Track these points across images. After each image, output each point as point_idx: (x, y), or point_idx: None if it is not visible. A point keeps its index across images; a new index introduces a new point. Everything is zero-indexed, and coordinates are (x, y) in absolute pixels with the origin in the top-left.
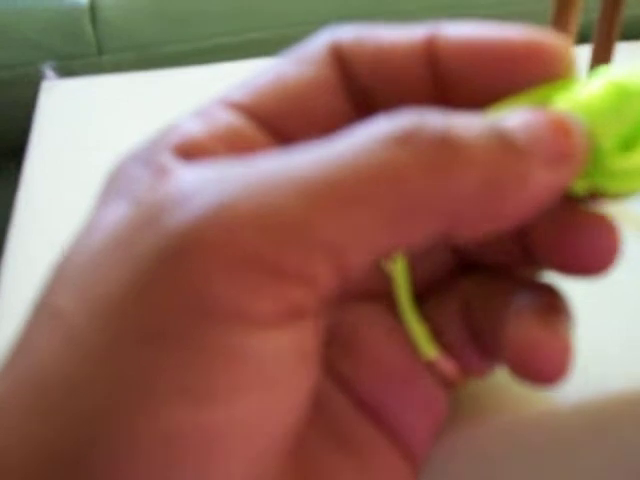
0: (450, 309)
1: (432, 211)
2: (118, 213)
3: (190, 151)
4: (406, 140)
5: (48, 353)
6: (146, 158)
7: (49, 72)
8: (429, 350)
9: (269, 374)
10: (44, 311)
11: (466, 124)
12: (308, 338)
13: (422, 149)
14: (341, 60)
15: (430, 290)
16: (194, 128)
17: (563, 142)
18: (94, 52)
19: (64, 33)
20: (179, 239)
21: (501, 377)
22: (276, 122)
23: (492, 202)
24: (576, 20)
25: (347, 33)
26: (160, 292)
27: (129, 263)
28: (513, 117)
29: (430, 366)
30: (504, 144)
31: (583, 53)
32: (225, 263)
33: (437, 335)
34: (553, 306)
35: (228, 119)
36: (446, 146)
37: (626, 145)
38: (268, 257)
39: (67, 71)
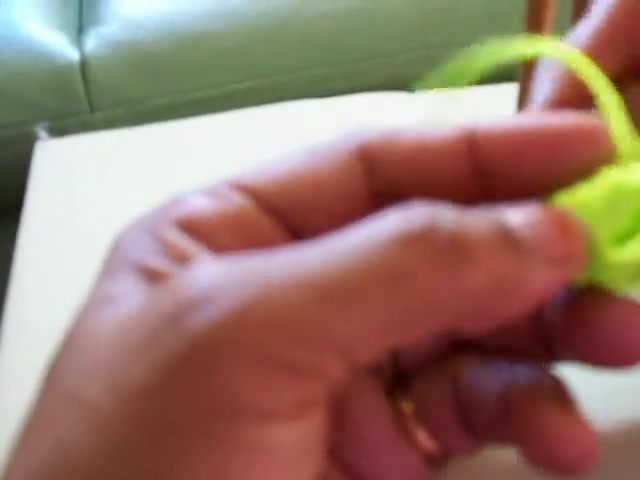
0: (440, 389)
1: (438, 312)
2: (135, 299)
3: (193, 228)
4: (415, 242)
5: (77, 443)
6: (151, 230)
7: (42, 133)
8: None
9: (287, 462)
10: (68, 400)
11: (474, 222)
12: (320, 425)
13: (431, 252)
14: (369, 160)
15: (421, 365)
16: (202, 205)
17: (564, 242)
18: (86, 110)
19: (57, 92)
20: (203, 341)
21: None
22: (287, 213)
23: (495, 301)
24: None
25: (377, 133)
26: (181, 392)
27: (157, 361)
28: (518, 213)
29: (410, 439)
30: (509, 245)
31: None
32: (246, 364)
33: (424, 414)
34: (562, 392)
35: (238, 202)
36: (454, 250)
37: (621, 240)
38: (285, 357)
39: (61, 129)
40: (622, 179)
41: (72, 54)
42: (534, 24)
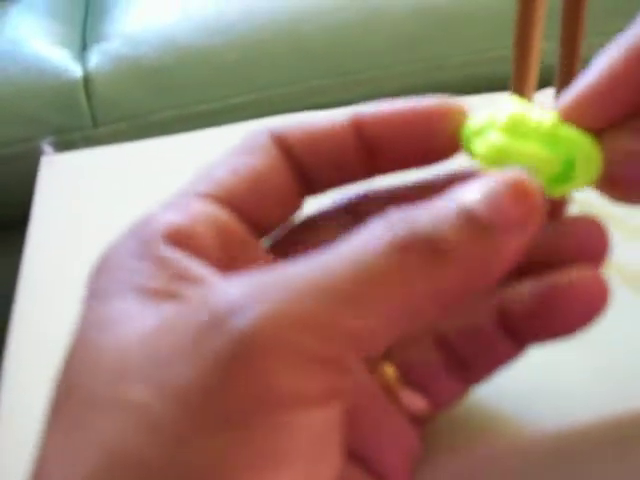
0: (421, 342)
1: (431, 304)
2: (152, 315)
3: (180, 239)
4: (403, 247)
5: (132, 444)
6: (139, 251)
7: (47, 148)
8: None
9: (317, 443)
10: (106, 406)
11: (442, 215)
12: (340, 416)
13: (414, 256)
14: (283, 146)
15: None
16: (176, 218)
17: (524, 207)
18: (90, 125)
19: (61, 108)
20: (245, 341)
21: (476, 411)
22: (242, 206)
23: (474, 280)
24: (537, 65)
25: (287, 123)
26: (234, 386)
27: (203, 362)
28: (474, 190)
29: (399, 404)
30: (474, 230)
31: (546, 96)
32: (284, 357)
33: (407, 371)
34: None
35: (202, 208)
36: (431, 251)
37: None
38: (314, 351)
39: (65, 144)
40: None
41: (75, 70)
42: (523, 41)
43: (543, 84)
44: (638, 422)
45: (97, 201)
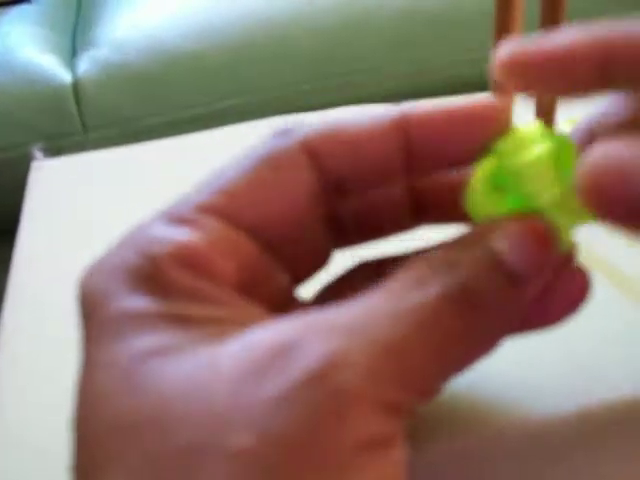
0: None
1: (473, 351)
2: (229, 353)
3: (195, 263)
4: (448, 298)
5: None
6: (148, 272)
7: (38, 153)
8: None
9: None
10: (200, 453)
11: (475, 266)
12: (404, 448)
13: (460, 307)
14: (315, 158)
15: None
16: (185, 237)
17: (547, 256)
18: (80, 130)
19: (51, 114)
20: (344, 395)
21: (458, 402)
22: (257, 229)
23: (507, 325)
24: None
25: (317, 129)
26: (331, 433)
27: (305, 411)
28: (504, 239)
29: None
30: (509, 281)
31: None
32: (372, 409)
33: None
34: None
35: (212, 226)
36: (472, 300)
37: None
38: (394, 400)
39: (55, 149)
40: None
41: (65, 77)
42: (503, 29)
43: None
44: (613, 413)
45: (87, 206)
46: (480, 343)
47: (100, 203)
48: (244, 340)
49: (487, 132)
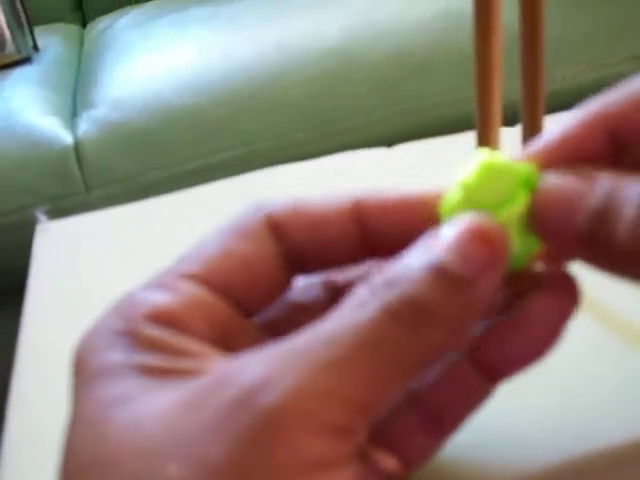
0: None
1: (422, 359)
2: (162, 394)
3: (165, 320)
4: (390, 314)
5: None
6: (125, 331)
7: (41, 216)
8: None
9: None
10: None
11: (417, 276)
12: (359, 467)
13: (404, 318)
14: (277, 231)
15: None
16: (161, 298)
17: (490, 249)
18: (82, 190)
19: (53, 176)
20: (274, 416)
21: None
22: (229, 290)
23: (460, 330)
24: (500, 103)
25: (283, 206)
26: (267, 457)
27: (235, 437)
28: (442, 243)
29: (372, 466)
30: (453, 285)
31: (514, 133)
32: (308, 429)
33: (381, 430)
34: None
35: (192, 290)
36: (419, 311)
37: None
38: (332, 420)
39: (59, 210)
40: (491, 160)
41: (67, 138)
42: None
43: (508, 122)
44: (603, 460)
45: (93, 266)
46: (428, 353)
47: (105, 263)
48: (190, 382)
49: (429, 215)
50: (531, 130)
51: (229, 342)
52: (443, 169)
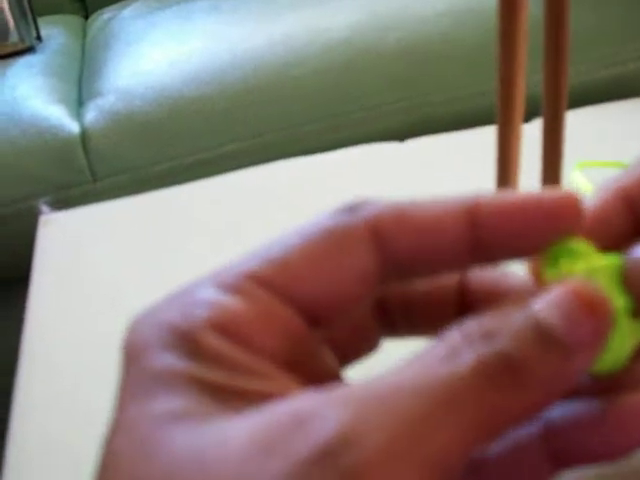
0: None
1: (507, 420)
2: (249, 427)
3: (232, 332)
4: (485, 371)
5: None
6: (187, 337)
7: (44, 207)
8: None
9: None
10: None
11: (518, 333)
12: None
13: (500, 383)
14: (380, 240)
15: None
16: (230, 304)
17: (594, 320)
18: (89, 179)
19: (60, 164)
20: (358, 476)
21: None
22: (307, 304)
23: (550, 397)
24: (523, 97)
25: (386, 210)
26: None
27: None
28: (550, 307)
29: None
30: (555, 349)
31: (534, 127)
32: None
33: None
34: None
35: (260, 296)
36: (514, 371)
37: None
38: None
39: (65, 200)
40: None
41: (73, 127)
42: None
43: (529, 115)
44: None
45: (96, 258)
46: (515, 417)
47: (109, 254)
48: (259, 413)
49: (558, 230)
50: (552, 125)
51: (298, 366)
52: (457, 165)
